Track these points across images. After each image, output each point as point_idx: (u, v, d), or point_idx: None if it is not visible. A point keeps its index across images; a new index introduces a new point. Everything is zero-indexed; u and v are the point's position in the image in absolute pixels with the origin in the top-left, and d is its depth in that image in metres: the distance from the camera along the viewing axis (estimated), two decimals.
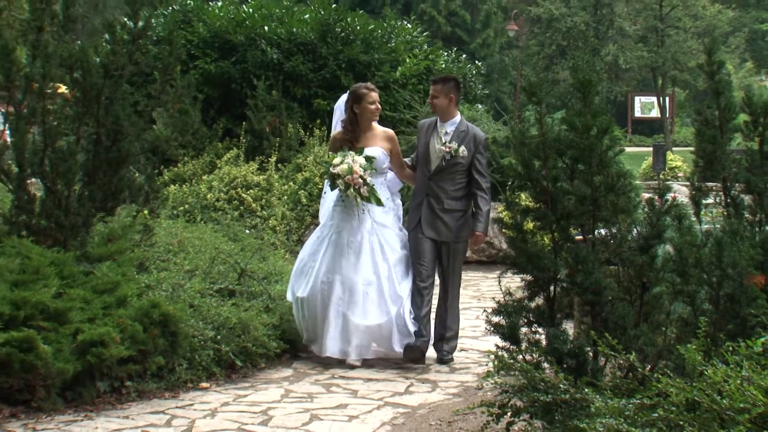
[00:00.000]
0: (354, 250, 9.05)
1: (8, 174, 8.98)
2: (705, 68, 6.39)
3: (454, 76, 9.99)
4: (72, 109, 8.99)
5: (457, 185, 9.22)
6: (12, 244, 8.31)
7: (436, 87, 9.31)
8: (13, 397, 7.47)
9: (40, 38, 8.94)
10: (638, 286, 5.52)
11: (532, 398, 4.96)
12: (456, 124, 9.24)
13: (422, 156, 9.33)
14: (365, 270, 9.01)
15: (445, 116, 9.28)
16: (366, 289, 9.00)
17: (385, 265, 9.09)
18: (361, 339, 9.01)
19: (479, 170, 9.19)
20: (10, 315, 7.39)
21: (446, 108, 9.26)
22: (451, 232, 9.26)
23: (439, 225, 9.21)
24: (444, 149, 9.07)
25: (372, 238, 9.10)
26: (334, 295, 8.97)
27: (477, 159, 9.19)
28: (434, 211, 9.20)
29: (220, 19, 19.61)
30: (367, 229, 9.10)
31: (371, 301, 9.00)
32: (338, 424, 7.47)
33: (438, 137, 9.19)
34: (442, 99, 9.23)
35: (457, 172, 9.19)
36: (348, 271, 9.00)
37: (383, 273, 9.06)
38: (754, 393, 3.90)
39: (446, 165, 9.13)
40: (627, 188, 5.66)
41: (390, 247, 9.18)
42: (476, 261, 16.54)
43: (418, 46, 21.04)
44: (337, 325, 8.95)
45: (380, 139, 9.33)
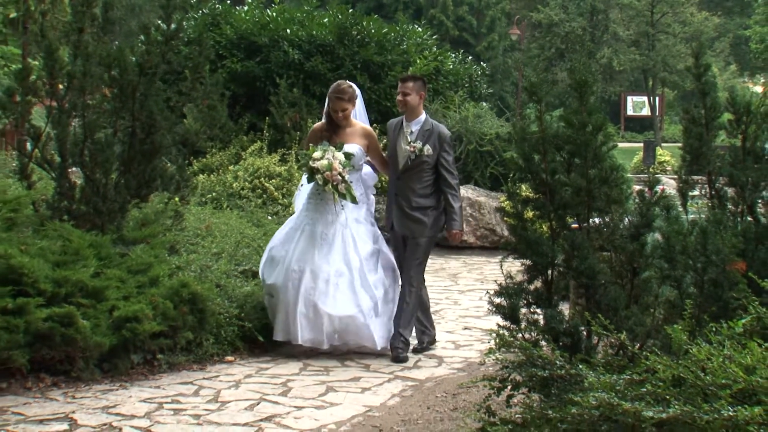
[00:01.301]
0: (327, 242, 8.53)
1: (51, 163, 9.02)
2: (692, 70, 6.37)
3: (421, 75, 9.38)
4: (110, 104, 9.01)
5: (424, 183, 8.69)
6: (54, 227, 8.34)
7: (407, 85, 8.75)
8: (54, 367, 7.52)
9: (81, 39, 8.96)
10: (629, 271, 5.51)
11: (531, 373, 4.96)
12: (421, 123, 8.72)
13: (391, 156, 8.87)
14: (336, 261, 8.49)
15: (412, 115, 8.74)
16: (337, 280, 8.45)
17: (357, 258, 8.56)
18: (330, 328, 8.42)
19: (446, 168, 8.67)
20: (52, 292, 7.43)
21: (417, 106, 8.73)
22: (422, 227, 8.69)
23: (408, 222, 8.70)
24: (409, 149, 8.59)
25: (345, 231, 8.60)
26: (304, 284, 8.39)
27: (443, 157, 8.67)
28: (403, 209, 8.71)
29: (245, 22, 19.62)
30: (340, 222, 8.60)
31: (341, 292, 8.44)
32: (352, 395, 7.49)
33: (404, 137, 8.68)
34: (414, 96, 8.70)
35: (423, 170, 8.66)
36: (319, 262, 8.45)
37: (354, 265, 8.52)
38: (735, 370, 3.90)
39: (412, 164, 8.64)
40: (619, 181, 5.65)
41: (362, 241, 8.67)
42: (479, 246, 16.56)
43: (428, 48, 21.02)
44: (307, 315, 8.37)
45: (358, 135, 8.79)
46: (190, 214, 11.67)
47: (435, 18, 47.01)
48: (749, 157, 6.07)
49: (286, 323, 8.46)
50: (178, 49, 9.51)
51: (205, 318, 8.26)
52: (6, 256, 7.38)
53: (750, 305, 4.59)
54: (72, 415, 6.69)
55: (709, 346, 4.17)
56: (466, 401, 7.02)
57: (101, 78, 9.00)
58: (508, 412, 5.19)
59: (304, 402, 7.24)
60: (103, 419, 6.61)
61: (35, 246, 7.83)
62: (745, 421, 3.70)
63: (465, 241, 16.51)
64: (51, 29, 9.92)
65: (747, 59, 58.86)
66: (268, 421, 6.71)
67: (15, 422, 6.51)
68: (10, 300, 7.22)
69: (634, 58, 46.30)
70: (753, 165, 6.03)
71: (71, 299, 7.51)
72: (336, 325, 8.41)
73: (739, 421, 3.71)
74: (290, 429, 6.56)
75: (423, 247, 8.71)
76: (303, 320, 8.36)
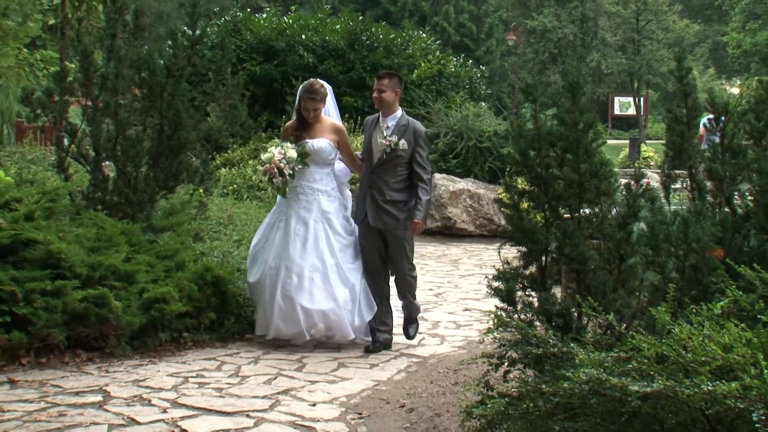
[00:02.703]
0: (300, 237, 8.03)
1: (86, 158, 9.05)
2: (675, 73, 6.34)
3: (397, 72, 8.78)
4: (140, 103, 9.03)
5: (398, 177, 8.15)
6: (89, 216, 8.36)
7: (382, 82, 8.22)
8: (89, 344, 7.54)
9: (114, 44, 8.97)
10: (616, 258, 5.50)
11: (526, 351, 4.95)
12: (397, 119, 8.19)
13: (366, 150, 8.31)
14: (311, 256, 7.97)
15: (388, 111, 8.21)
16: (312, 274, 7.94)
17: (331, 251, 8.07)
18: (308, 323, 7.96)
19: (420, 163, 8.13)
20: (88, 275, 7.45)
21: (392, 102, 8.20)
22: (397, 221, 8.12)
23: (383, 216, 8.12)
24: (384, 143, 8.07)
25: (318, 225, 8.08)
26: (281, 279, 7.91)
27: (417, 152, 8.13)
28: (377, 202, 8.13)
29: (264, 28, 19.64)
30: (313, 217, 8.09)
31: (317, 286, 7.94)
32: (362, 370, 7.50)
33: (380, 131, 8.16)
34: (389, 93, 8.17)
35: (398, 165, 8.12)
36: (294, 257, 7.95)
37: (329, 260, 8.02)
38: (714, 348, 3.90)
39: (387, 158, 8.10)
40: (608, 174, 5.63)
41: (336, 234, 8.15)
42: (479, 234, 16.53)
43: (431, 52, 21.04)
44: (285, 309, 7.90)
45: (328, 131, 8.27)
46: (213, 205, 11.70)
47: (438, 25, 46.87)
48: (727, 153, 6.04)
49: (264, 318, 8.06)
50: (202, 53, 9.53)
51: (226, 299, 8.29)
52: (45, 243, 7.41)
53: (727, 289, 4.58)
54: (105, 387, 6.71)
55: (690, 327, 4.16)
56: (467, 376, 7.03)
57: (132, 79, 9.01)
58: (505, 387, 5.18)
59: (318, 377, 7.25)
60: (134, 391, 6.62)
61: (72, 233, 7.86)
62: (723, 395, 3.69)
63: (465, 229, 16.52)
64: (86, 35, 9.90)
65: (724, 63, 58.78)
66: (284, 394, 6.72)
67: (54, 393, 6.54)
68: (50, 282, 7.25)
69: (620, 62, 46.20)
70: (730, 160, 6.01)
71: (105, 282, 7.54)
72: (313, 319, 7.98)
73: (717, 395, 3.70)
74: (305, 401, 6.57)
75: (405, 240, 8.21)
76: (280, 315, 7.93)
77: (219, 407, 6.33)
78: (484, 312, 8.21)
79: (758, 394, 3.67)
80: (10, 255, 7.40)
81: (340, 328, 8.07)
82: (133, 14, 9.35)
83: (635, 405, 4.00)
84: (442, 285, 11.82)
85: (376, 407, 6.48)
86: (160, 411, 6.21)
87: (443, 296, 11.02)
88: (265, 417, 6.15)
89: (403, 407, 6.47)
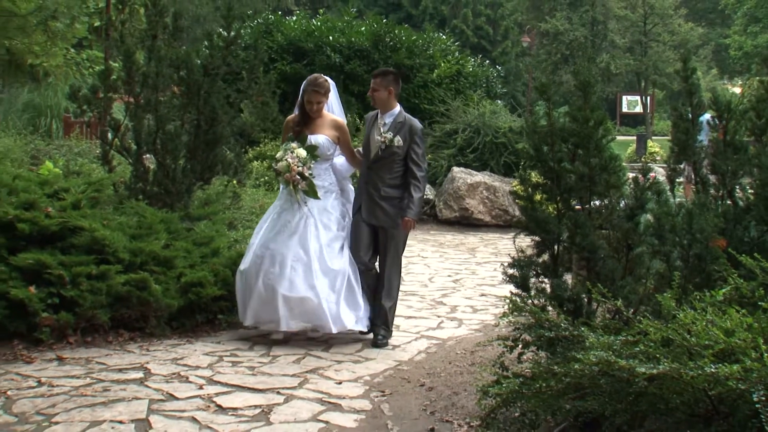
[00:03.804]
0: (289, 228, 7.57)
1: (129, 151, 9.10)
2: (681, 73, 6.28)
3: (393, 70, 8.28)
4: (178, 100, 9.05)
5: (394, 174, 7.68)
6: (131, 205, 8.40)
7: (376, 80, 7.78)
8: (131, 324, 7.58)
9: (154, 44, 9.00)
10: (624, 247, 5.47)
11: (539, 334, 4.94)
12: (394, 116, 7.72)
13: (365, 146, 7.90)
14: (295, 246, 7.50)
15: (385, 108, 7.74)
16: (294, 264, 7.46)
17: (317, 244, 7.56)
18: (285, 310, 7.42)
19: (414, 160, 7.64)
20: (130, 261, 7.48)
21: (386, 100, 7.72)
22: (390, 218, 7.64)
23: (377, 212, 7.66)
24: (380, 139, 7.63)
25: (309, 219, 7.61)
26: (264, 267, 7.48)
27: (413, 149, 7.66)
28: (373, 198, 7.67)
29: (294, 30, 19.63)
30: (304, 210, 7.63)
31: (297, 275, 7.44)
32: (384, 351, 7.49)
33: (377, 128, 7.71)
34: (382, 92, 7.69)
35: (394, 161, 7.65)
36: (279, 247, 7.50)
37: (314, 252, 7.51)
38: (716, 332, 3.88)
39: (383, 154, 7.64)
40: (617, 168, 5.60)
41: (325, 228, 7.65)
42: (494, 225, 16.48)
43: (450, 53, 20.98)
44: (265, 296, 7.45)
45: (328, 127, 7.85)
46: (246, 195, 11.74)
47: (457, 27, 46.76)
48: (729, 149, 6.00)
49: (244, 305, 7.63)
50: (236, 54, 9.51)
51: None
52: (91, 230, 7.44)
53: (729, 277, 4.57)
54: (146, 365, 6.74)
55: (694, 312, 4.14)
56: (483, 357, 7.01)
57: (171, 78, 9.03)
58: (519, 367, 5.18)
59: (344, 357, 7.26)
60: (172, 369, 6.65)
61: (115, 221, 7.89)
62: (725, 376, 3.68)
63: (482, 220, 16.48)
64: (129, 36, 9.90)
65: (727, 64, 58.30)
66: (312, 373, 6.73)
67: (98, 370, 6.57)
68: (95, 267, 7.29)
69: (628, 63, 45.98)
70: (732, 156, 5.97)
71: (145, 267, 7.56)
72: (290, 306, 7.42)
73: (720, 376, 3.69)
74: (332, 380, 6.57)
75: (400, 238, 7.76)
76: (259, 301, 7.50)
77: (251, 384, 6.34)
78: (500, 297, 8.21)
79: (758, 376, 3.65)
80: (58, 241, 7.44)
81: (318, 318, 7.50)
82: (173, 17, 9.37)
83: (642, 385, 3.99)
84: (460, 272, 11.80)
85: (398, 386, 6.48)
86: (196, 387, 6.23)
87: (461, 282, 11.00)
88: (295, 394, 6.17)
89: (423, 386, 6.47)
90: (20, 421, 5.43)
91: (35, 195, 7.67)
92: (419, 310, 9.18)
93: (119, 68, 9.38)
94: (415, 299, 9.76)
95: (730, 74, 58.44)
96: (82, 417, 5.52)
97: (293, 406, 5.90)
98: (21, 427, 5.31)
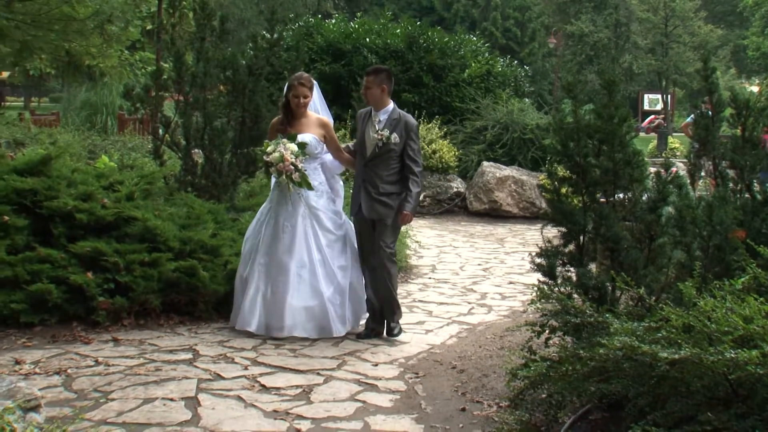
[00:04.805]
0: (288, 233, 7.19)
1: (178, 146, 9.16)
2: (701, 73, 6.21)
3: (386, 67, 7.84)
4: (225, 98, 9.09)
5: (391, 170, 7.28)
6: (181, 197, 8.46)
7: (369, 78, 7.36)
8: (180, 309, 7.62)
9: (202, 46, 9.06)
10: (647, 238, 5.43)
11: (565, 320, 4.92)
12: (389, 113, 7.34)
13: (359, 143, 7.45)
14: (298, 253, 7.17)
15: (379, 105, 7.35)
16: (299, 271, 7.16)
17: (318, 247, 7.25)
18: (294, 319, 7.12)
19: (411, 156, 7.27)
20: (179, 249, 7.53)
21: (379, 98, 7.33)
22: (391, 210, 7.24)
23: (377, 206, 7.24)
24: (377, 136, 7.22)
25: (306, 222, 7.25)
26: (270, 276, 7.16)
27: (409, 145, 7.27)
28: (371, 195, 7.26)
29: (333, 32, 19.64)
30: (300, 213, 7.24)
31: (304, 282, 7.15)
32: (418, 335, 7.49)
33: (372, 125, 7.30)
34: (375, 89, 7.30)
35: (390, 158, 7.27)
36: (282, 254, 7.16)
37: (316, 256, 7.21)
38: (735, 319, 3.85)
39: (379, 151, 7.25)
40: (640, 163, 5.56)
41: (323, 230, 7.30)
42: (522, 216, 16.41)
43: (481, 54, 20.87)
44: (272, 305, 7.15)
45: (314, 125, 7.44)
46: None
47: (487, 29, 46.53)
48: (747, 145, 5.93)
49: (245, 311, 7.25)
50: (279, 55, 9.53)
51: None
52: (143, 220, 7.50)
53: (748, 266, 4.52)
54: (195, 347, 6.78)
55: (714, 300, 4.11)
56: (511, 342, 6.99)
57: (218, 77, 9.09)
58: (546, 351, 5.16)
59: (379, 340, 7.26)
60: (219, 351, 6.69)
61: (166, 212, 7.94)
62: (744, 361, 3.65)
63: (510, 212, 16.42)
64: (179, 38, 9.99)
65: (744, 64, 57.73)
66: (350, 355, 6.74)
67: (151, 351, 6.63)
68: (147, 255, 7.35)
69: (650, 63, 45.71)
70: (751, 151, 5.90)
71: (194, 255, 7.60)
72: (297, 314, 7.14)
73: (739, 361, 3.66)
74: (368, 362, 6.58)
75: (390, 228, 7.32)
76: (266, 310, 7.18)
77: (293, 366, 6.37)
78: (527, 285, 8.17)
79: None
80: (113, 230, 7.50)
81: (324, 323, 7.21)
82: (220, 20, 9.41)
83: (664, 369, 3.96)
84: (489, 261, 11.76)
85: (431, 368, 6.48)
86: (242, 368, 6.27)
87: (490, 271, 10.97)
88: (333, 375, 6.18)
89: (454, 368, 6.46)
90: (79, 398, 5.49)
91: (92, 187, 7.74)
92: (451, 297, 9.16)
93: (170, 68, 9.44)
94: (446, 286, 9.75)
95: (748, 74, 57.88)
96: (136, 394, 5.57)
97: (332, 386, 5.92)
98: (80, 402, 5.37)
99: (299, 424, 5.16)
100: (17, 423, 3.95)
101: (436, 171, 16.89)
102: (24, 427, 3.98)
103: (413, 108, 18.25)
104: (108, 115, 23.85)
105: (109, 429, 4.88)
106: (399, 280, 9.61)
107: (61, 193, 7.54)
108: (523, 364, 4.88)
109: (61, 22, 15.28)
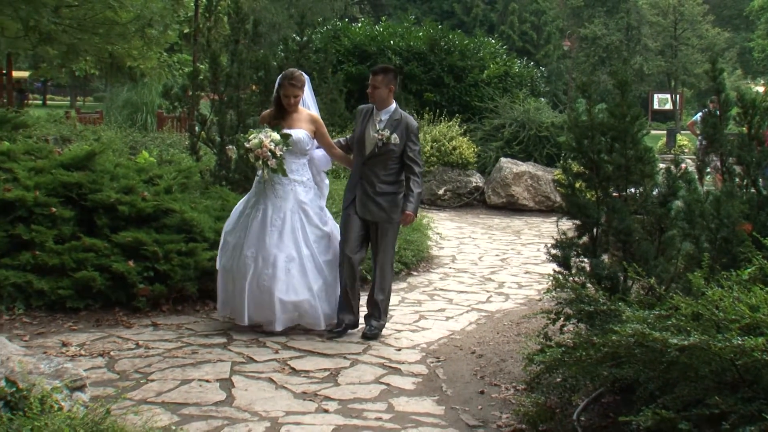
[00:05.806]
0: (277, 227, 6.81)
1: (213, 142, 9.19)
2: (709, 74, 6.15)
3: (393, 67, 7.42)
4: (257, 97, 9.10)
5: (389, 171, 6.90)
6: (215, 190, 8.49)
7: (377, 78, 6.95)
8: (216, 296, 7.58)
9: (236, 48, 9.07)
10: (657, 230, 5.39)
11: (579, 308, 4.89)
12: (390, 113, 6.94)
13: (358, 141, 7.05)
14: (287, 247, 6.78)
15: (382, 105, 6.96)
16: (288, 265, 6.77)
17: (306, 242, 6.89)
18: (284, 313, 6.76)
19: (411, 157, 6.87)
20: (214, 239, 7.47)
21: (386, 98, 6.95)
22: (384, 212, 6.88)
23: (371, 207, 6.88)
24: (377, 136, 6.84)
25: (294, 216, 6.87)
26: (258, 269, 6.75)
27: (409, 146, 6.87)
28: (367, 193, 6.89)
29: (359, 35, 19.62)
30: (289, 207, 6.87)
31: (293, 277, 6.77)
32: (439, 322, 7.49)
33: (373, 124, 6.92)
34: (383, 89, 6.92)
35: (389, 158, 6.87)
36: (271, 248, 6.75)
37: (304, 251, 6.84)
38: (742, 308, 3.81)
39: (379, 151, 6.86)
40: (651, 159, 5.53)
41: (311, 225, 6.94)
42: (537, 210, 16.35)
43: (499, 55, 20.79)
44: (261, 299, 6.76)
45: (304, 121, 7.06)
46: None
47: (504, 32, 46.26)
48: (753, 142, 5.87)
49: (234, 303, 6.93)
50: (308, 56, 9.55)
51: None
52: (181, 212, 7.53)
53: (754, 258, 4.48)
54: (228, 331, 6.81)
55: (721, 290, 4.07)
56: (528, 329, 6.97)
57: (251, 78, 9.10)
58: (561, 338, 5.14)
59: (403, 327, 7.26)
60: (251, 335, 6.72)
61: (201, 204, 7.97)
62: (751, 348, 3.61)
63: (526, 205, 16.37)
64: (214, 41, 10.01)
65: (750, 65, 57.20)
66: (374, 340, 6.75)
67: (188, 335, 6.66)
68: (184, 245, 7.37)
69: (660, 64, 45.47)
70: (756, 148, 5.84)
71: None
72: (287, 308, 6.78)
73: (745, 348, 3.62)
74: (392, 347, 6.59)
75: (391, 233, 6.99)
76: (254, 303, 6.80)
77: (321, 350, 6.38)
78: (543, 275, 8.13)
79: None
80: (152, 221, 7.53)
81: (313, 317, 6.90)
82: (252, 24, 9.43)
83: (674, 355, 3.93)
84: (507, 252, 11.73)
85: (451, 353, 6.47)
86: (273, 352, 6.29)
87: (507, 261, 10.93)
88: (359, 359, 6.19)
89: (473, 353, 6.45)
90: (121, 378, 5.53)
91: (133, 181, 7.78)
92: (470, 286, 9.15)
93: (206, 69, 9.48)
94: (466, 276, 9.73)
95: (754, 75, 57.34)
96: (174, 376, 5.61)
97: (358, 370, 5.92)
98: (122, 383, 5.41)
99: (327, 404, 5.17)
100: (64, 401, 4.00)
101: (456, 166, 16.85)
102: (71, 405, 4.02)
103: (435, 107, 18.23)
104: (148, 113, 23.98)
105: (149, 408, 4.91)
106: (421, 270, 9.64)
107: (105, 186, 7.58)
108: (539, 350, 4.87)
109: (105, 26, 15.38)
